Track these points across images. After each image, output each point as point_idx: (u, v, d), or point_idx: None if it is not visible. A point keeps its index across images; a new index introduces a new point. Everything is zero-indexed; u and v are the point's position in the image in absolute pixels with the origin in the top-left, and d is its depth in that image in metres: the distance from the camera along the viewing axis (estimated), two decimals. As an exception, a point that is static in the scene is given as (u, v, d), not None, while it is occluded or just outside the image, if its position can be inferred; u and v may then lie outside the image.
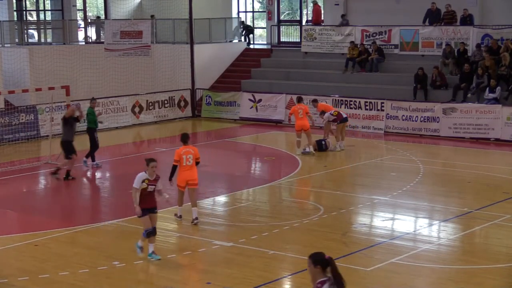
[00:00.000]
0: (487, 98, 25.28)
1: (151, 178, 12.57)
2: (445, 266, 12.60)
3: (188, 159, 14.93)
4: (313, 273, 7.22)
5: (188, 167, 14.93)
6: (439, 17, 29.15)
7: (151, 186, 12.63)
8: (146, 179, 12.54)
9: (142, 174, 12.58)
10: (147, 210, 12.74)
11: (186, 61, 31.42)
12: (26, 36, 34.14)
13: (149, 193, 12.70)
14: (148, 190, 12.64)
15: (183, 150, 14.96)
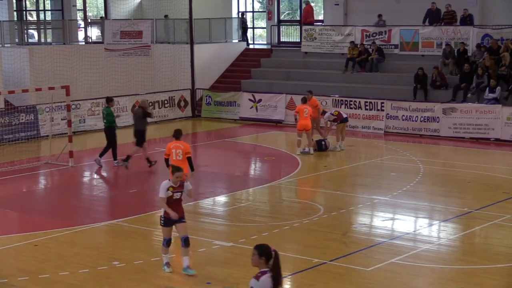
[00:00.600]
0: (487, 98, 25.29)
1: (175, 186, 11.91)
2: (445, 266, 12.60)
3: (177, 153, 15.63)
4: (256, 263, 7.77)
5: (178, 161, 15.36)
6: (439, 17, 29.16)
7: (177, 193, 11.97)
8: (170, 186, 11.88)
9: (166, 182, 11.92)
10: (171, 220, 12.03)
11: (186, 61, 31.43)
12: (26, 36, 34.15)
13: (176, 201, 12.01)
14: (175, 198, 11.96)
15: (173, 145, 15.72)
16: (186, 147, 15.72)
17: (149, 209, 16.46)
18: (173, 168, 12.02)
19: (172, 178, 11.88)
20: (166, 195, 11.90)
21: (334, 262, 12.66)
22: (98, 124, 27.51)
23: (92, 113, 27.41)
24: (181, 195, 12.03)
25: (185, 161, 15.56)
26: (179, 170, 11.96)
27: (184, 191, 12.01)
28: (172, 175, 11.86)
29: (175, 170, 11.96)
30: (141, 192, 18.14)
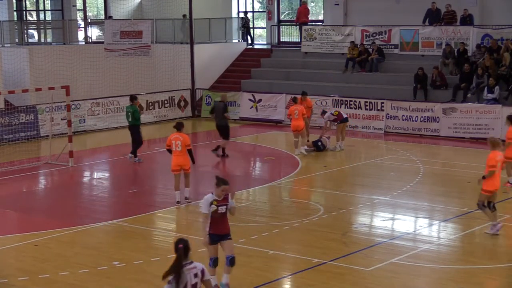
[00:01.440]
0: (486, 99, 25.29)
1: (219, 199, 10.92)
2: (445, 266, 12.60)
3: (177, 145, 16.24)
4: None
5: (178, 152, 16.25)
6: (439, 17, 29.15)
7: (222, 207, 10.97)
8: (214, 200, 10.90)
9: (209, 196, 10.90)
10: (218, 236, 11.07)
11: (186, 61, 31.43)
12: (26, 36, 34.15)
13: (221, 216, 11.01)
14: (220, 212, 10.97)
15: (173, 136, 16.38)
16: (185, 139, 16.31)
17: (149, 209, 16.46)
18: (218, 181, 11.00)
19: (216, 191, 10.91)
20: (209, 210, 10.88)
21: (334, 262, 12.66)
22: (98, 124, 27.57)
23: (92, 113, 27.42)
24: (227, 209, 11.04)
25: (184, 153, 16.30)
26: (225, 183, 10.98)
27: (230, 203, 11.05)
28: (217, 188, 10.89)
29: (221, 183, 10.96)
30: (141, 192, 18.14)
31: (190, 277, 7.90)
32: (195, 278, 7.95)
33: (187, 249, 7.93)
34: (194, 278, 7.94)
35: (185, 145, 16.25)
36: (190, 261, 7.96)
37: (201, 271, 7.99)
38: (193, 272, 7.96)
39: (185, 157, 16.37)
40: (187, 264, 7.92)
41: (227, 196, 10.96)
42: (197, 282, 7.98)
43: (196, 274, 7.97)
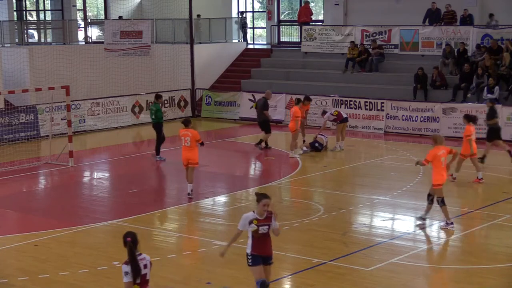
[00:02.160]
0: (486, 99, 25.25)
1: (261, 218, 10.00)
2: (445, 266, 12.60)
3: (186, 140, 16.88)
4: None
5: (187, 147, 16.90)
6: (439, 17, 29.15)
7: (264, 227, 10.03)
8: (255, 219, 9.98)
9: (249, 214, 10.06)
10: (260, 258, 10.14)
11: (186, 61, 31.42)
12: (26, 36, 34.14)
13: (263, 237, 10.10)
14: (261, 233, 10.04)
15: (182, 132, 17.04)
16: (194, 135, 16.95)
17: (149, 209, 16.46)
18: (258, 196, 10.08)
19: (257, 209, 10.01)
20: (247, 229, 10.04)
21: (334, 262, 12.66)
22: (98, 124, 27.57)
23: (92, 113, 27.43)
24: (269, 229, 10.11)
25: (193, 148, 16.91)
26: (266, 196, 10.06)
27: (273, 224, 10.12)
28: (258, 204, 10.00)
29: (262, 197, 10.03)
30: (141, 192, 18.13)
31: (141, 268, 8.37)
32: (145, 269, 8.41)
33: (135, 242, 8.38)
34: (144, 269, 8.40)
35: (196, 140, 16.90)
36: (140, 253, 8.40)
37: (149, 262, 8.47)
38: (143, 263, 8.40)
39: (193, 152, 16.98)
40: (137, 255, 8.36)
41: (270, 215, 10.04)
42: (146, 273, 8.43)
43: (145, 265, 8.42)
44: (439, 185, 14.45)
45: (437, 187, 14.48)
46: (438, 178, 14.43)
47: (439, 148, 14.43)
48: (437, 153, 14.32)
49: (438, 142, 14.53)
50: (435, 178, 14.44)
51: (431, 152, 14.39)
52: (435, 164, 14.37)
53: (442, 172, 14.39)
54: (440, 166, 14.34)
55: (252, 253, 10.11)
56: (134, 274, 8.27)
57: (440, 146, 14.48)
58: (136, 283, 8.35)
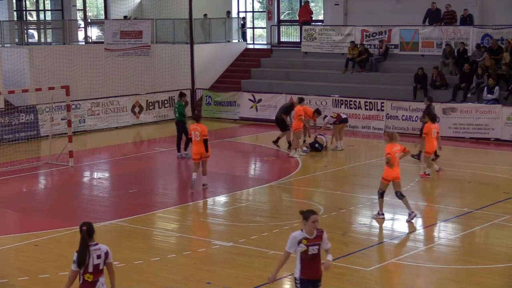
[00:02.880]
0: (486, 99, 25.29)
1: (310, 237, 9.00)
2: (445, 266, 12.60)
3: (196, 135, 17.51)
4: None
5: (197, 142, 17.54)
6: (439, 17, 29.15)
7: (314, 247, 9.03)
8: (304, 238, 8.98)
9: (297, 234, 9.04)
10: (309, 282, 9.14)
11: (186, 61, 31.43)
12: (26, 36, 34.14)
13: (313, 258, 9.05)
14: (310, 253, 9.03)
15: (192, 127, 17.75)
16: (203, 130, 17.48)
17: (149, 209, 16.46)
18: (305, 214, 9.08)
19: (306, 226, 9.02)
20: (296, 250, 9.05)
21: (334, 262, 12.62)
22: (98, 124, 27.58)
23: (92, 113, 27.43)
24: (319, 249, 9.11)
25: (202, 142, 17.42)
26: (314, 212, 9.08)
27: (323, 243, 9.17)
28: (306, 222, 9.02)
29: (310, 213, 9.06)
30: (141, 192, 18.13)
31: (93, 257, 8.56)
32: (98, 259, 8.58)
33: (90, 231, 8.58)
34: (97, 259, 8.57)
35: (202, 135, 17.41)
36: (95, 243, 8.62)
37: (105, 253, 8.65)
38: (97, 253, 8.60)
39: (201, 146, 17.53)
40: (91, 245, 8.57)
41: (320, 233, 9.09)
42: (99, 263, 8.61)
43: (99, 255, 8.62)
44: (387, 180, 15.11)
45: (384, 181, 15.16)
46: (389, 173, 15.02)
47: (394, 145, 14.94)
48: (392, 149, 14.83)
49: (393, 139, 15.05)
50: (387, 173, 15.04)
51: (388, 146, 14.91)
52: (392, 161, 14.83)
53: (395, 168, 14.94)
54: (394, 162, 14.87)
55: (301, 277, 9.08)
56: (79, 263, 8.49)
57: (395, 143, 14.99)
58: (88, 272, 8.56)
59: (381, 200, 15.29)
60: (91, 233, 8.59)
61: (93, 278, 8.59)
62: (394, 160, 14.89)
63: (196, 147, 17.66)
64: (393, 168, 14.94)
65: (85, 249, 8.51)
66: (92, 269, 8.56)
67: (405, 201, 15.10)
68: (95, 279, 8.61)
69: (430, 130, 18.69)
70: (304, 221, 9.00)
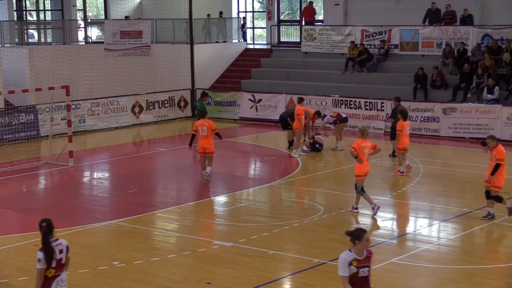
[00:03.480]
0: (486, 99, 25.29)
1: (360, 258, 8.36)
2: (445, 266, 12.60)
3: (203, 130, 18.20)
4: None
5: (203, 136, 18.23)
6: (439, 17, 29.15)
7: (364, 269, 8.39)
8: (354, 260, 8.34)
9: (347, 255, 8.35)
10: None
11: (186, 61, 31.43)
12: (26, 36, 34.14)
13: (362, 281, 8.40)
14: (361, 276, 8.36)
15: (199, 123, 18.44)
16: (210, 124, 18.34)
17: (149, 209, 16.46)
18: (355, 234, 8.43)
19: (356, 246, 8.36)
20: (348, 272, 8.36)
21: (334, 262, 12.63)
22: (98, 124, 27.58)
23: (92, 113, 27.43)
24: (369, 271, 8.46)
25: (209, 137, 18.22)
26: (364, 231, 8.47)
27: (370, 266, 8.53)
28: (358, 242, 8.36)
29: (362, 232, 8.43)
30: (141, 192, 18.13)
31: (56, 252, 8.85)
32: (60, 254, 8.88)
33: (50, 227, 8.90)
34: (59, 254, 8.87)
35: (211, 130, 18.26)
36: (56, 239, 8.93)
37: (66, 248, 8.97)
38: (59, 248, 8.89)
39: (209, 141, 18.28)
40: (53, 241, 8.88)
41: (370, 254, 8.46)
42: (62, 258, 8.89)
43: (61, 250, 8.90)
44: (360, 176, 15.52)
45: (358, 177, 15.60)
46: (359, 169, 15.57)
47: (364, 141, 15.45)
48: (361, 144, 15.35)
49: (364, 135, 15.57)
50: (359, 169, 15.54)
51: (357, 141, 15.47)
52: (358, 155, 15.34)
53: (364, 164, 15.45)
54: (362, 157, 15.35)
55: None
56: (47, 258, 8.73)
57: (365, 139, 15.49)
58: (52, 267, 8.79)
59: (366, 195, 15.61)
60: (51, 229, 8.91)
61: (54, 273, 8.86)
62: (362, 155, 15.33)
63: (201, 142, 18.30)
64: (363, 164, 15.42)
65: (49, 245, 8.79)
66: (55, 264, 8.84)
67: (358, 197, 15.67)
68: (56, 274, 8.87)
69: (403, 128, 19.25)
70: (356, 241, 8.33)
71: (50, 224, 8.92)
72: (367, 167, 15.54)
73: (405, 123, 19.42)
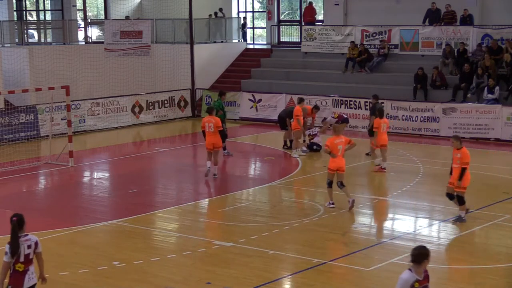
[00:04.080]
0: (486, 99, 25.29)
1: (420, 278, 7.75)
2: (445, 266, 12.60)
3: (210, 126, 18.97)
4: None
5: (210, 133, 19.00)
6: (439, 17, 29.15)
7: None
8: (416, 281, 7.71)
9: (408, 276, 7.71)
10: None
11: (186, 61, 31.42)
12: (26, 36, 34.15)
13: None
14: None
15: (206, 119, 19.20)
16: (217, 121, 19.04)
17: (149, 209, 16.46)
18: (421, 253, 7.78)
19: (420, 266, 7.74)
20: None
21: (334, 262, 12.66)
22: (98, 124, 27.58)
23: (92, 113, 27.43)
24: None
25: (216, 133, 18.94)
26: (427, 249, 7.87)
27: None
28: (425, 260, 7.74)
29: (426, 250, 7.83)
30: (141, 192, 18.13)
31: (24, 247, 9.00)
32: (29, 249, 9.04)
33: (21, 222, 9.01)
34: (27, 249, 9.03)
35: (217, 127, 18.94)
36: (25, 234, 9.06)
37: (34, 243, 9.11)
38: (27, 243, 9.05)
39: (217, 137, 19.04)
40: (22, 236, 9.01)
41: (427, 273, 7.85)
42: (30, 253, 9.07)
43: (29, 245, 9.06)
44: (332, 170, 16.01)
45: (330, 171, 16.09)
46: (332, 164, 16.03)
47: (337, 137, 16.01)
48: (334, 141, 15.90)
49: (337, 131, 16.24)
50: (331, 164, 16.03)
51: (330, 139, 16.05)
52: (332, 151, 15.89)
53: (337, 159, 15.93)
54: (336, 153, 15.88)
55: None
56: (12, 252, 8.92)
57: (339, 135, 16.08)
58: (20, 262, 9.01)
59: (330, 190, 16.05)
60: (21, 224, 9.02)
61: (24, 268, 9.08)
62: (336, 152, 15.85)
63: (209, 138, 18.99)
64: (336, 159, 15.90)
65: (17, 239, 8.93)
66: (23, 258, 9.04)
67: (345, 190, 15.92)
68: (26, 269, 9.11)
69: (380, 125, 19.76)
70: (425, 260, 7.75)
71: (20, 219, 9.04)
72: (341, 162, 15.96)
73: (382, 120, 19.84)
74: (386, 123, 20.07)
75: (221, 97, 22.29)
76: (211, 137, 19.04)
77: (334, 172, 16.02)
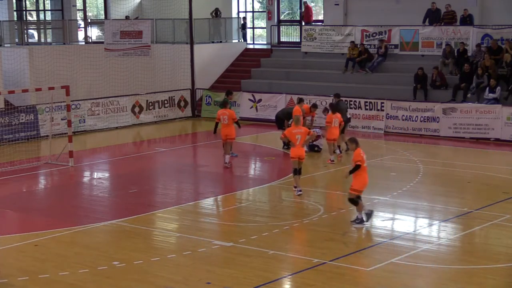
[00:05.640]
0: (487, 98, 25.29)
1: None
2: (445, 266, 12.60)
3: (224, 119, 20.35)
4: None
5: (225, 125, 20.35)
6: (439, 17, 29.15)
7: None
8: None
9: None
10: None
11: (186, 61, 31.43)
12: (26, 36, 34.16)
13: None
14: None
15: (221, 112, 20.53)
16: (231, 114, 20.55)
17: (149, 209, 16.46)
18: None
19: None
20: None
21: (334, 262, 12.66)
22: (98, 124, 27.58)
23: (92, 113, 27.43)
24: None
25: (230, 125, 20.32)
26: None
27: None
28: None
29: None
30: (141, 192, 18.13)
31: None
32: None
33: None
34: None
35: (232, 118, 20.38)
36: None
37: None
38: None
39: (231, 128, 20.36)
40: None
41: None
42: None
43: None
44: (293, 158, 17.04)
45: (292, 159, 17.13)
46: (293, 152, 17.11)
47: (297, 127, 17.04)
48: (292, 131, 17.01)
49: (297, 123, 17.17)
50: (292, 152, 17.12)
51: (289, 128, 17.34)
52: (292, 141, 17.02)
53: (296, 148, 16.96)
54: (295, 143, 16.95)
55: None
56: None
57: (298, 125, 17.10)
58: None
59: (297, 177, 17.24)
60: None
61: None
62: (294, 141, 16.89)
63: (224, 130, 20.33)
64: (296, 148, 16.95)
65: None
66: None
67: (296, 178, 17.18)
68: None
69: (332, 120, 20.93)
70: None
71: None
72: (300, 151, 16.98)
73: (333, 115, 20.98)
74: (337, 118, 21.04)
75: (228, 96, 22.56)
76: (225, 128, 20.32)
77: (296, 159, 17.02)
